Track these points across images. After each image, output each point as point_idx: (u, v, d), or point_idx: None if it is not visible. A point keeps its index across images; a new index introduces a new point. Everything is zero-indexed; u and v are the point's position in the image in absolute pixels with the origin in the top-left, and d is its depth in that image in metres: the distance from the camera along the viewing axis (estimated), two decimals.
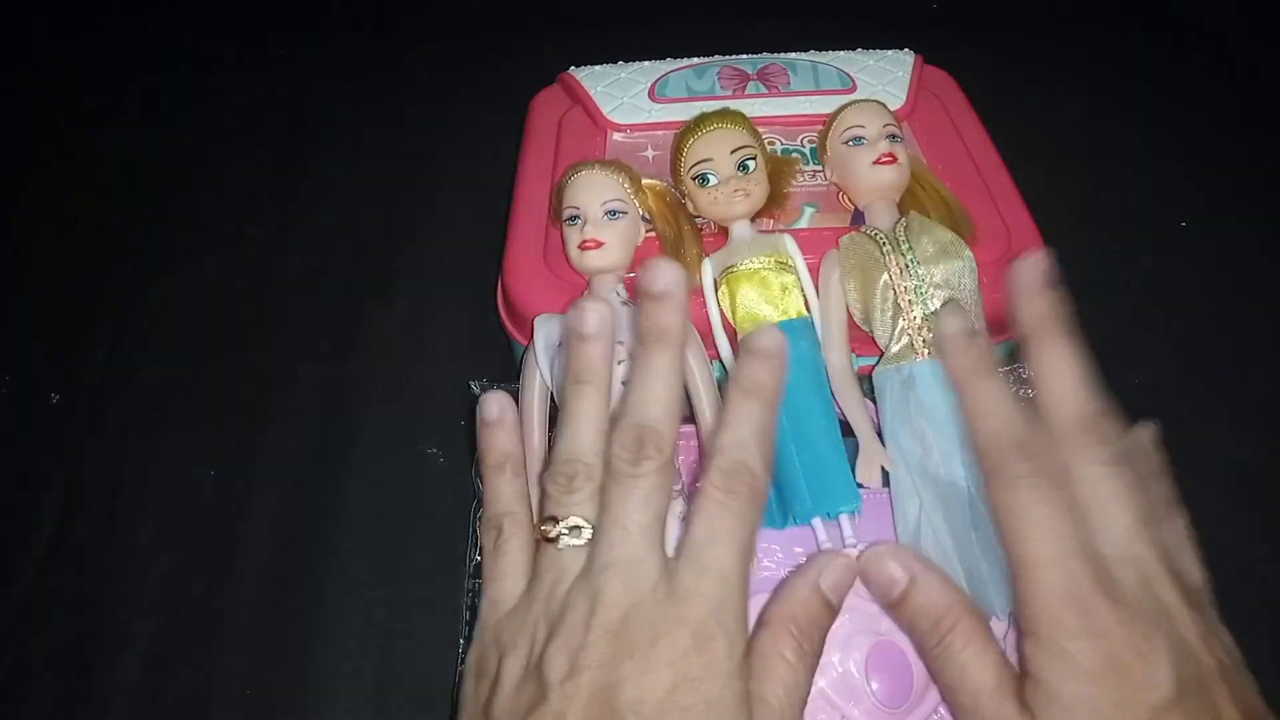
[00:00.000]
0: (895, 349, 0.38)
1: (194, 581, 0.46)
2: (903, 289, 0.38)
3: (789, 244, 0.41)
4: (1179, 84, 0.69)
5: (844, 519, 0.36)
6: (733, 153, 0.41)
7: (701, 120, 0.42)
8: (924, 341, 0.37)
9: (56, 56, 0.74)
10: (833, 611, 0.31)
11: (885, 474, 0.37)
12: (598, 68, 0.54)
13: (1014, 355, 0.47)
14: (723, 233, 0.43)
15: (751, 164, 0.41)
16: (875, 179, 0.42)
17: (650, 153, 0.49)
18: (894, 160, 0.41)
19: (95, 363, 0.54)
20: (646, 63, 0.54)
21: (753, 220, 0.43)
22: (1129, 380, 0.52)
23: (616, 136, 0.51)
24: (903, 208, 0.43)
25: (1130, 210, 0.61)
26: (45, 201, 0.64)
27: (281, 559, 0.46)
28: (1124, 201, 0.61)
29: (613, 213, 0.40)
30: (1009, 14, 0.74)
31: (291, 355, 0.54)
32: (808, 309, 0.40)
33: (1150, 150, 0.64)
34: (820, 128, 0.50)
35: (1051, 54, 0.71)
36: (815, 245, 0.45)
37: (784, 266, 0.40)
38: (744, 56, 0.54)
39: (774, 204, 0.43)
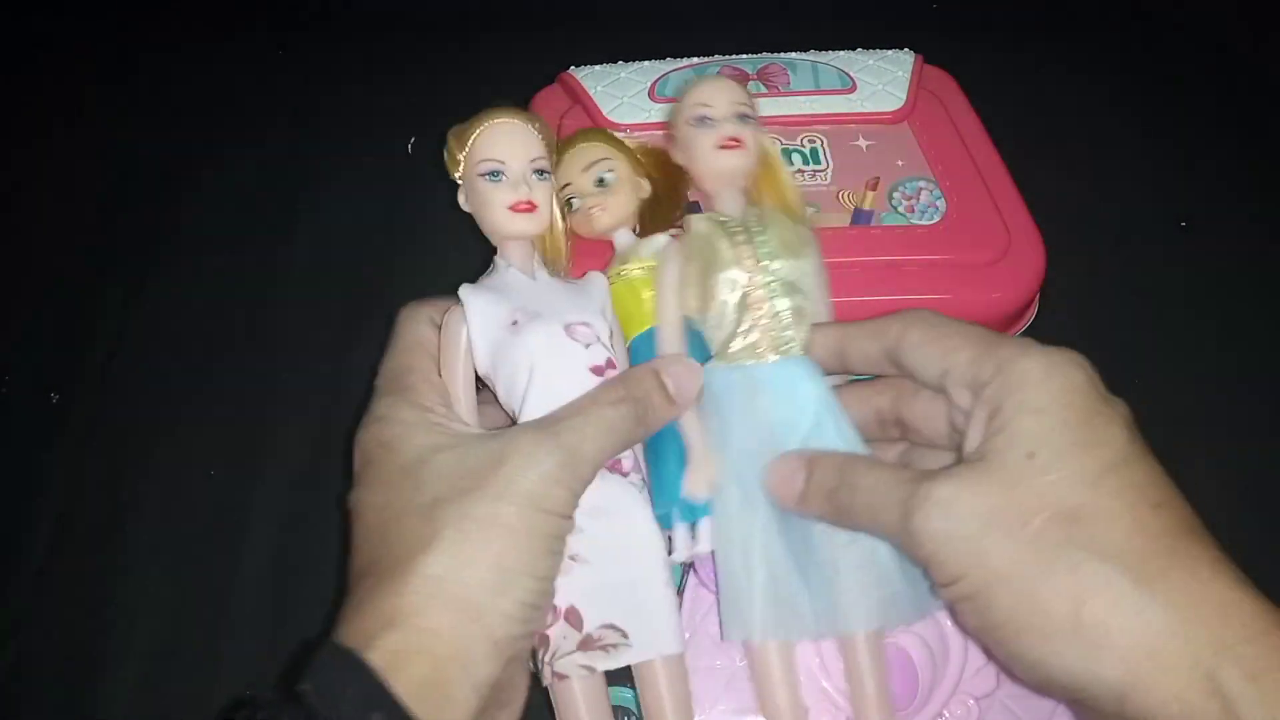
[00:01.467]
0: (737, 347, 0.34)
1: (194, 581, 0.46)
2: (753, 284, 0.34)
3: (663, 245, 0.38)
4: (1179, 84, 0.69)
5: (702, 524, 0.34)
6: (584, 170, 0.39)
7: (560, 145, 0.40)
8: (773, 341, 0.34)
9: (56, 56, 0.74)
10: (671, 405, 0.33)
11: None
12: (598, 68, 0.54)
13: None
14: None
15: (610, 176, 0.39)
16: (716, 164, 0.37)
17: None
18: (738, 145, 0.37)
19: (95, 363, 0.54)
20: (646, 63, 0.54)
21: (640, 228, 0.40)
22: (1129, 380, 0.52)
23: (616, 136, 0.50)
24: (754, 194, 0.39)
25: (1130, 210, 0.61)
26: (45, 201, 0.64)
27: (282, 558, 0.46)
28: (1124, 201, 0.61)
29: (541, 172, 0.35)
30: (1009, 14, 0.74)
31: (292, 355, 0.54)
32: None
33: (1150, 150, 0.64)
34: (821, 127, 0.51)
35: (1051, 54, 0.71)
36: None
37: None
38: (744, 56, 0.54)
39: (664, 208, 0.41)
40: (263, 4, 0.78)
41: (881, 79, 0.52)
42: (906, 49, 0.55)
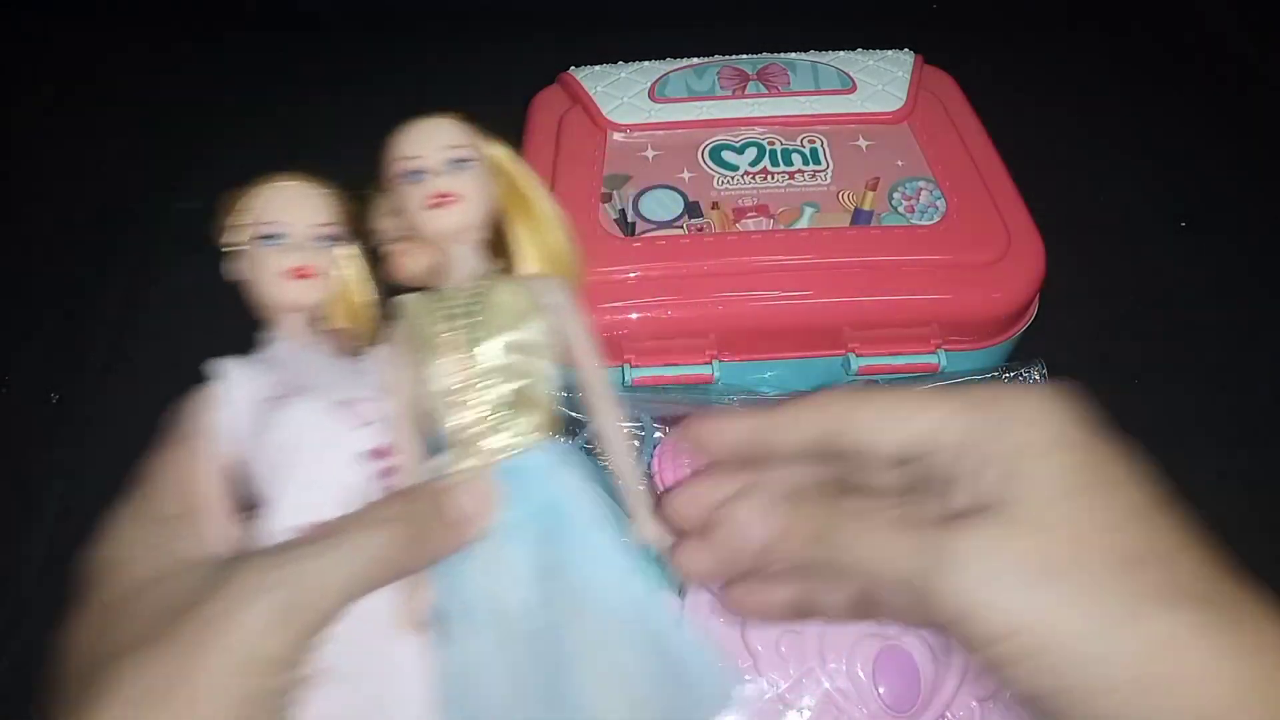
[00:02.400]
0: (459, 443, 0.29)
1: None
2: (465, 375, 0.29)
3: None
4: (1178, 84, 0.69)
5: None
6: (390, 215, 0.34)
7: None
8: (499, 435, 0.29)
9: (56, 55, 0.74)
10: (453, 534, 0.27)
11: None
12: (598, 68, 0.54)
13: (1011, 357, 0.47)
14: None
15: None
16: (431, 225, 0.31)
17: (650, 153, 0.49)
18: (449, 200, 0.31)
19: (95, 363, 0.54)
20: (646, 63, 0.54)
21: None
22: (1129, 380, 0.52)
23: (616, 136, 0.51)
24: (510, 231, 0.33)
25: (1130, 210, 0.61)
26: (44, 200, 0.64)
27: None
28: (1124, 201, 0.61)
29: (327, 239, 0.31)
30: (1009, 14, 0.74)
31: None
32: None
33: (1150, 150, 0.64)
34: (821, 127, 0.50)
35: (1051, 54, 0.71)
36: (815, 246, 0.45)
37: None
38: (744, 56, 0.54)
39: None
40: (262, 4, 0.78)
41: (881, 79, 0.52)
42: (906, 49, 0.55)
